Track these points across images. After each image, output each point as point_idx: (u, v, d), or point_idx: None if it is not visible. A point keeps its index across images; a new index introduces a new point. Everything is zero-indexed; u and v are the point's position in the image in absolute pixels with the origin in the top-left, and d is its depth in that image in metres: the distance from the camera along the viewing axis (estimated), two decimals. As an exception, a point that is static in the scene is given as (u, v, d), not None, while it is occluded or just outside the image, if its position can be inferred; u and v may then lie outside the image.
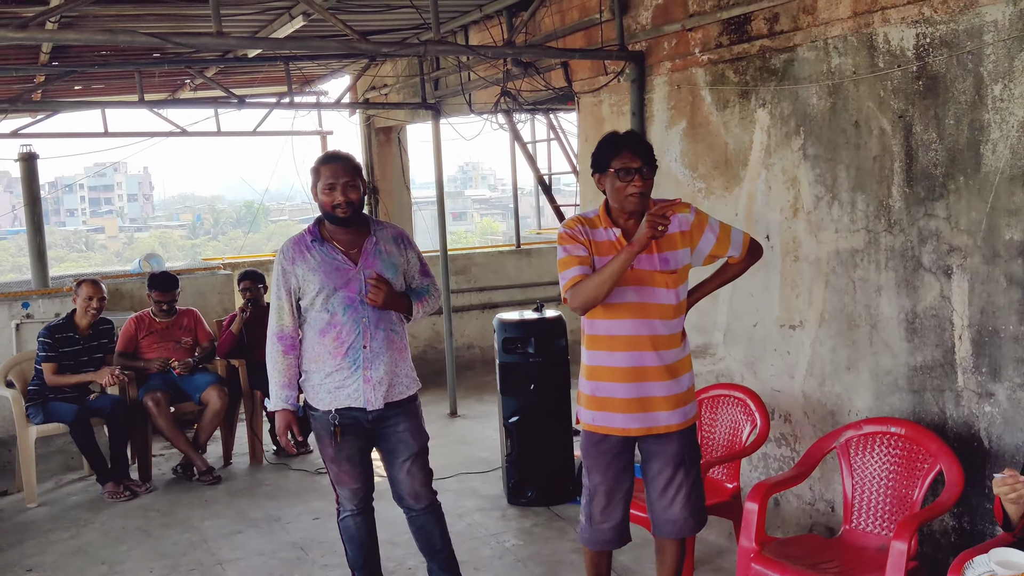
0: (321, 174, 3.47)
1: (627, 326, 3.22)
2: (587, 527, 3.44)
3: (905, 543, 2.98)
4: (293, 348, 3.59)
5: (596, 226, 3.29)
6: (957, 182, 3.51)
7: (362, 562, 3.78)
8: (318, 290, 3.49)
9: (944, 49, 3.51)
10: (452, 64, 6.85)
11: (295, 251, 3.53)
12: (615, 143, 3.23)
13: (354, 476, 3.67)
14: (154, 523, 5.26)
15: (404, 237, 3.71)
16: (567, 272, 3.23)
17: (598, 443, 3.34)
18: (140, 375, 6.12)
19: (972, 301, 3.49)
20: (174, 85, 8.09)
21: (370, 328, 3.51)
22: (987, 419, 3.49)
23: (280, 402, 3.59)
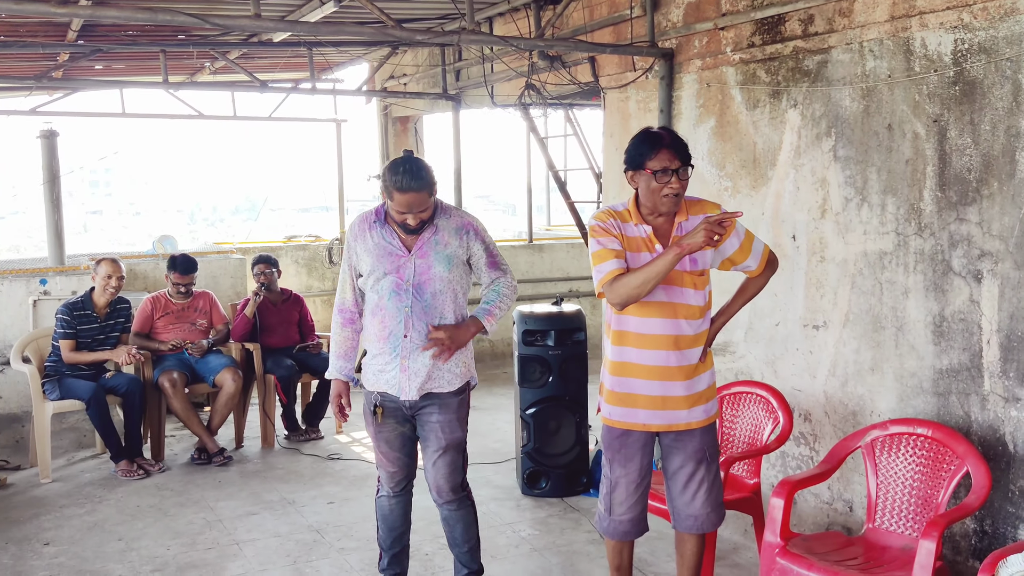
0: (394, 198, 3.34)
1: (655, 325, 3.25)
2: (606, 517, 3.48)
3: (934, 542, 3.01)
4: (352, 322, 3.66)
5: (627, 220, 3.30)
6: (991, 187, 3.54)
7: (389, 544, 3.80)
8: (369, 271, 3.53)
9: (983, 55, 3.54)
10: (475, 55, 6.87)
11: (359, 229, 3.56)
12: (653, 141, 3.19)
13: (391, 460, 3.68)
14: (169, 502, 5.28)
15: (471, 228, 3.57)
16: (603, 265, 3.23)
17: (620, 437, 3.38)
18: (156, 355, 6.14)
19: (1002, 306, 3.52)
20: (193, 68, 8.09)
21: (412, 319, 3.48)
22: (1013, 423, 3.52)
23: (334, 371, 3.70)
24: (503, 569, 4.26)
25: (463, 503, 3.69)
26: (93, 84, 7.10)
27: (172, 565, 4.37)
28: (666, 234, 3.27)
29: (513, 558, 4.42)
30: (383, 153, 8.81)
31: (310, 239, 10.41)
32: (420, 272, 3.48)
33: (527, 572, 4.27)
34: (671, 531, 3.56)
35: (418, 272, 3.48)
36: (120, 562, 4.41)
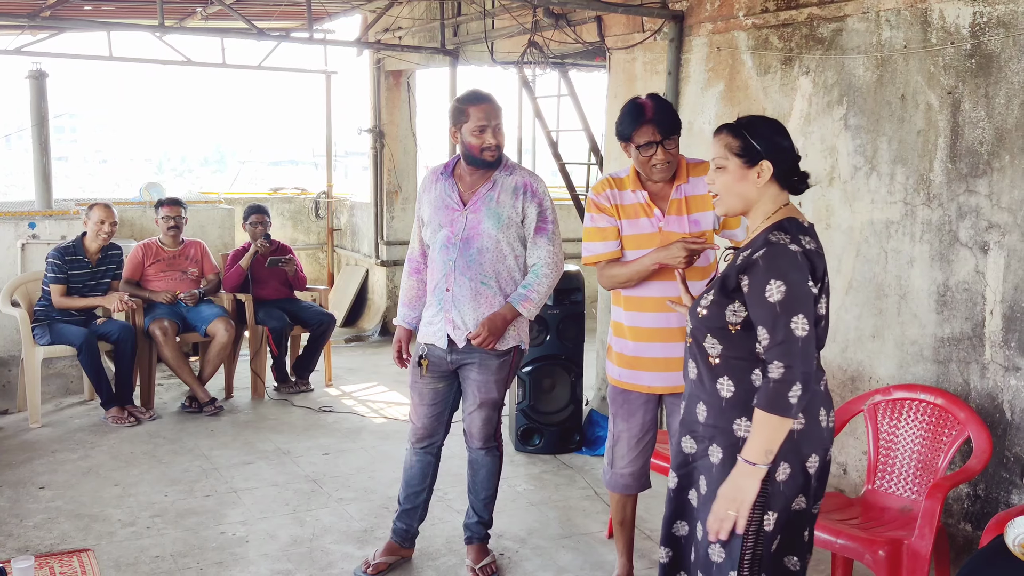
0: (470, 115, 3.41)
1: (657, 287, 3.29)
2: (608, 471, 3.59)
3: (938, 503, 3.10)
4: (417, 271, 3.73)
5: (625, 187, 3.36)
6: (1002, 160, 3.59)
7: (404, 497, 3.84)
8: (428, 223, 3.61)
9: (1001, 29, 3.57)
10: (475, 11, 6.80)
11: (429, 180, 3.65)
12: (636, 115, 3.22)
13: (419, 414, 3.72)
14: (162, 449, 5.27)
15: (529, 188, 3.53)
16: (592, 246, 3.38)
17: (623, 394, 3.46)
18: (147, 303, 6.09)
19: (1007, 277, 3.60)
20: (183, 12, 7.93)
21: (454, 274, 3.52)
22: (1012, 392, 3.61)
23: (399, 318, 3.79)
24: (502, 522, 4.32)
25: (492, 452, 3.77)
26: (82, 24, 6.94)
27: (171, 511, 4.38)
28: (664, 197, 3.32)
29: (511, 511, 4.48)
30: (374, 107, 8.72)
31: (296, 191, 10.32)
32: (470, 227, 3.51)
33: (525, 525, 4.33)
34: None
35: (468, 227, 3.51)
36: (118, 507, 4.41)
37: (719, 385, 2.51)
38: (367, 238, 9.21)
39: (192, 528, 4.19)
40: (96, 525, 4.20)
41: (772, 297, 2.35)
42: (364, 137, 8.96)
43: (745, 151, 2.48)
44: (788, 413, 2.33)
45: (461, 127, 3.45)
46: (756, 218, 2.53)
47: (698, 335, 2.54)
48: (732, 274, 2.45)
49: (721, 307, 2.47)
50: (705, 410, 2.55)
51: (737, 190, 2.51)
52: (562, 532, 4.26)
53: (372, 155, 8.86)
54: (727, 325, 2.47)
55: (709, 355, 2.52)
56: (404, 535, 3.85)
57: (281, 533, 4.16)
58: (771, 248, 2.38)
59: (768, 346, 2.36)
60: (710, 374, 2.52)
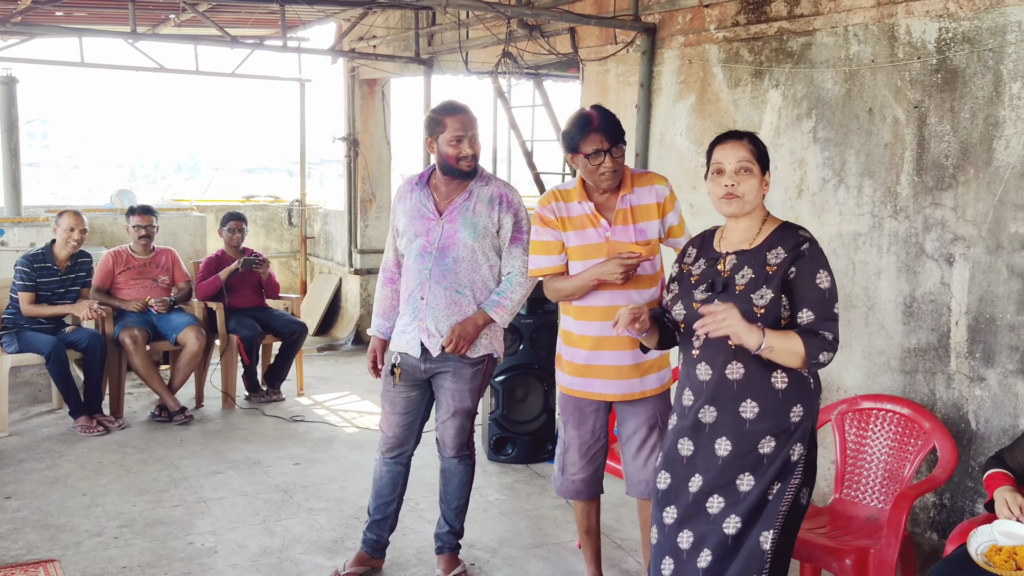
0: (447, 125, 3.43)
1: (605, 297, 3.33)
2: (559, 477, 3.61)
3: (904, 512, 3.13)
4: (392, 281, 3.74)
5: (571, 199, 3.38)
6: (967, 174, 3.65)
7: (374, 508, 3.82)
8: (403, 232, 3.62)
9: (966, 45, 3.63)
10: (450, 20, 6.82)
11: (404, 190, 3.67)
12: (583, 125, 3.25)
13: (390, 423, 3.72)
14: (131, 459, 5.22)
15: (505, 198, 3.58)
16: (536, 259, 3.45)
17: (576, 402, 3.49)
18: (117, 311, 6.04)
19: (972, 289, 3.65)
20: (156, 19, 7.89)
21: (429, 282, 3.53)
22: (976, 402, 3.66)
23: (373, 328, 3.81)
24: (474, 532, 4.31)
25: (464, 461, 3.77)
26: (53, 30, 6.88)
27: (139, 521, 4.34)
28: (611, 207, 3.35)
29: (483, 521, 4.48)
30: (348, 115, 8.71)
31: (269, 199, 10.28)
32: (446, 236, 3.53)
33: (496, 535, 4.33)
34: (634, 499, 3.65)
35: (444, 236, 3.52)
36: (85, 517, 4.36)
37: (773, 378, 2.65)
38: (341, 246, 9.19)
39: (160, 538, 4.15)
40: (63, 535, 4.15)
41: (823, 284, 2.63)
42: (339, 145, 8.95)
43: (761, 160, 2.72)
44: (808, 360, 2.56)
45: (437, 137, 3.46)
46: (756, 221, 2.75)
47: None
48: (784, 267, 2.64)
49: (777, 303, 2.63)
50: (756, 407, 2.66)
51: (754, 196, 2.71)
52: (533, 542, 4.26)
53: (346, 163, 8.85)
54: (779, 319, 2.64)
55: None
56: (374, 545, 3.84)
57: (250, 543, 4.14)
58: (812, 243, 2.68)
59: (814, 320, 2.60)
60: (762, 370, 2.65)
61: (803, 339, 2.57)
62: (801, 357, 2.57)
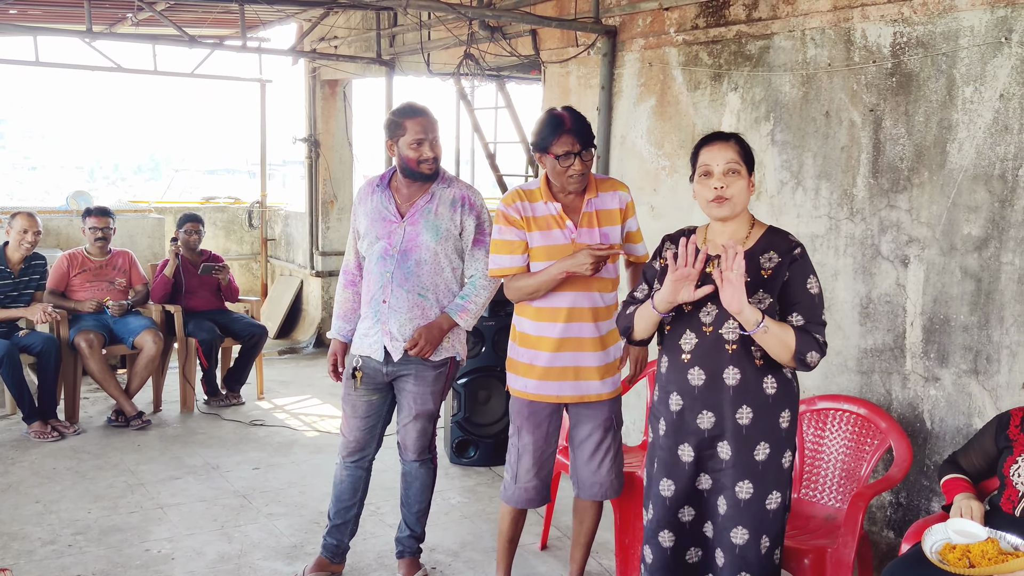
0: (407, 128, 3.41)
1: (569, 298, 3.32)
2: (512, 486, 3.51)
3: (860, 512, 3.16)
4: (353, 283, 3.69)
5: (536, 199, 3.35)
6: (921, 176, 3.70)
7: (334, 513, 3.78)
8: (364, 235, 3.58)
9: (920, 49, 3.68)
10: (412, 21, 6.79)
11: (364, 192, 3.63)
12: (555, 126, 3.23)
13: (351, 426, 3.67)
14: (86, 465, 5.13)
15: (467, 200, 3.57)
16: (499, 258, 3.37)
17: (533, 406, 3.43)
18: (72, 315, 5.93)
19: (927, 290, 3.70)
20: (113, 18, 7.77)
21: (392, 285, 3.50)
22: (931, 402, 3.71)
23: (333, 331, 3.75)
24: (434, 535, 4.29)
25: (426, 464, 3.74)
26: (7, 29, 6.74)
27: (94, 528, 4.27)
28: (576, 210, 3.34)
29: (444, 524, 4.46)
30: (310, 116, 8.64)
31: (229, 201, 10.17)
32: (408, 239, 3.50)
33: (458, 538, 4.31)
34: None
35: (406, 239, 3.49)
36: (39, 524, 4.28)
37: (765, 384, 2.71)
38: (302, 248, 9.11)
39: (115, 546, 4.08)
40: (15, 544, 4.06)
41: (813, 289, 2.70)
42: (300, 146, 8.88)
43: (747, 161, 2.74)
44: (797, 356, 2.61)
45: (398, 140, 3.44)
46: (744, 225, 2.77)
47: (748, 339, 2.66)
48: (780, 273, 2.69)
49: (774, 309, 2.67)
50: (751, 412, 2.70)
51: (741, 198, 2.72)
52: (495, 545, 4.24)
53: (307, 164, 8.78)
54: None
55: (755, 357, 2.70)
56: (335, 550, 3.80)
57: (208, 550, 4.08)
58: (803, 249, 2.74)
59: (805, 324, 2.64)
60: (756, 375, 2.70)
61: (797, 333, 2.62)
62: (791, 350, 2.61)
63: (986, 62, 3.47)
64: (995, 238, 3.48)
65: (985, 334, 3.52)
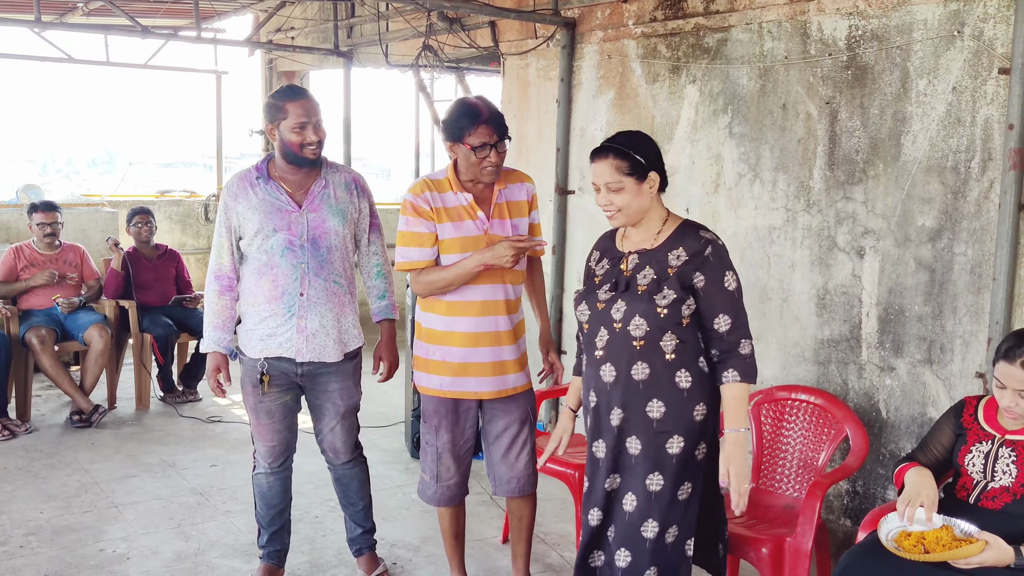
0: (289, 112, 3.24)
1: (483, 291, 3.26)
2: (432, 485, 3.44)
3: (818, 501, 3.19)
4: (230, 289, 3.45)
5: (445, 190, 3.27)
6: (876, 169, 3.74)
7: (269, 520, 3.66)
8: (256, 230, 3.34)
9: (874, 42, 3.72)
10: (369, 12, 6.73)
11: (239, 187, 3.37)
12: (472, 116, 3.15)
13: (271, 432, 3.53)
14: (38, 464, 5.03)
15: (359, 183, 3.50)
16: (407, 251, 3.25)
17: (449, 404, 3.35)
18: (23, 312, 5.81)
19: (882, 281, 3.74)
20: (63, 8, 7.62)
21: (308, 275, 3.37)
22: (887, 391, 3.76)
23: (212, 344, 3.45)
24: (395, 530, 4.27)
25: (358, 461, 3.68)
26: (-48, 18, 6.58)
27: (47, 528, 4.18)
28: (487, 200, 3.28)
29: (405, 519, 4.43)
30: (267, 108, 8.54)
31: (184, 194, 10.03)
32: (314, 227, 3.37)
33: (419, 533, 4.29)
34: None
35: (312, 227, 3.37)
36: (-11, 526, 4.19)
37: (677, 378, 2.70)
38: (260, 242, 8.99)
39: (69, 546, 4.00)
40: (-37, 546, 3.98)
41: (730, 286, 2.70)
42: (256, 139, 8.77)
43: (635, 169, 2.67)
44: (752, 380, 2.71)
45: (279, 124, 3.27)
46: (654, 222, 2.76)
47: (656, 335, 2.66)
48: (688, 272, 2.67)
49: (679, 304, 2.65)
50: (663, 406, 2.70)
51: (636, 205, 2.71)
52: (456, 539, 4.23)
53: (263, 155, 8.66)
54: (682, 320, 2.67)
55: (665, 352, 2.69)
56: (280, 555, 3.72)
57: (164, 548, 4.02)
58: (714, 245, 2.69)
59: (732, 328, 2.69)
60: (667, 369, 2.69)
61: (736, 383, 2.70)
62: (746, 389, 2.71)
63: (939, 55, 3.51)
64: (948, 229, 3.52)
65: (939, 324, 3.57)
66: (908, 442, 3.69)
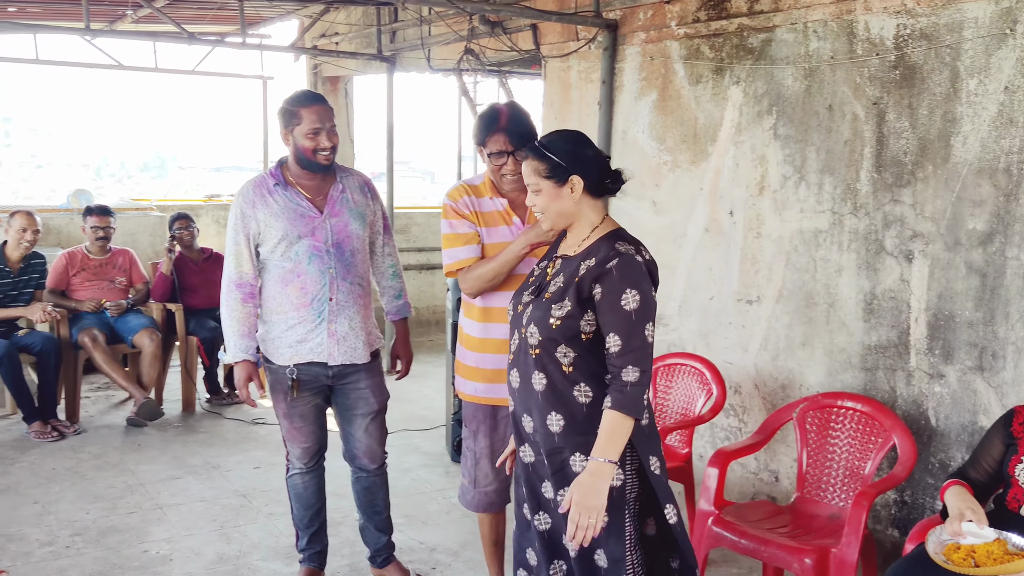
0: (303, 118, 3.26)
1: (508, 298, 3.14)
2: (471, 490, 3.40)
3: (864, 511, 3.12)
4: (252, 296, 3.43)
5: (482, 194, 3.24)
6: (925, 171, 3.64)
7: (307, 522, 3.68)
8: (280, 238, 3.34)
9: (923, 41, 3.63)
10: (412, 17, 6.75)
11: (256, 194, 3.35)
12: (489, 122, 3.12)
13: (306, 434, 3.56)
14: (86, 465, 5.11)
15: (370, 186, 3.56)
16: (454, 251, 3.22)
17: (487, 410, 3.31)
18: (73, 314, 5.91)
19: (931, 286, 3.65)
20: (113, 16, 7.74)
21: (337, 280, 3.39)
22: (936, 399, 3.66)
23: (240, 353, 3.40)
24: (435, 535, 4.26)
25: (384, 467, 3.70)
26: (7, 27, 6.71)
27: (92, 529, 4.24)
28: (522, 205, 3.20)
29: (445, 524, 4.42)
30: (311, 113, 8.60)
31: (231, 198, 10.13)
32: (337, 232, 3.39)
33: (459, 538, 4.27)
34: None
35: (335, 232, 3.38)
36: (37, 526, 4.26)
37: (576, 392, 2.49)
38: (305, 246, 9.05)
39: (113, 547, 4.06)
40: (12, 545, 4.04)
41: (628, 306, 2.40)
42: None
43: (552, 171, 2.52)
44: (641, 414, 2.41)
45: (293, 130, 3.29)
46: (583, 228, 2.58)
47: (549, 345, 2.49)
48: (585, 284, 2.46)
49: (576, 318, 2.46)
50: (562, 420, 2.51)
51: (556, 208, 2.56)
52: (495, 544, 4.21)
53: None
54: (580, 334, 2.48)
55: (562, 364, 2.50)
56: (320, 557, 3.74)
57: (207, 550, 4.05)
58: (622, 258, 2.44)
59: (620, 352, 2.40)
60: (565, 382, 2.50)
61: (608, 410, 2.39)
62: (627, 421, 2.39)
63: (990, 54, 3.42)
64: (1000, 232, 3.42)
65: (990, 330, 3.47)
66: (958, 451, 3.60)
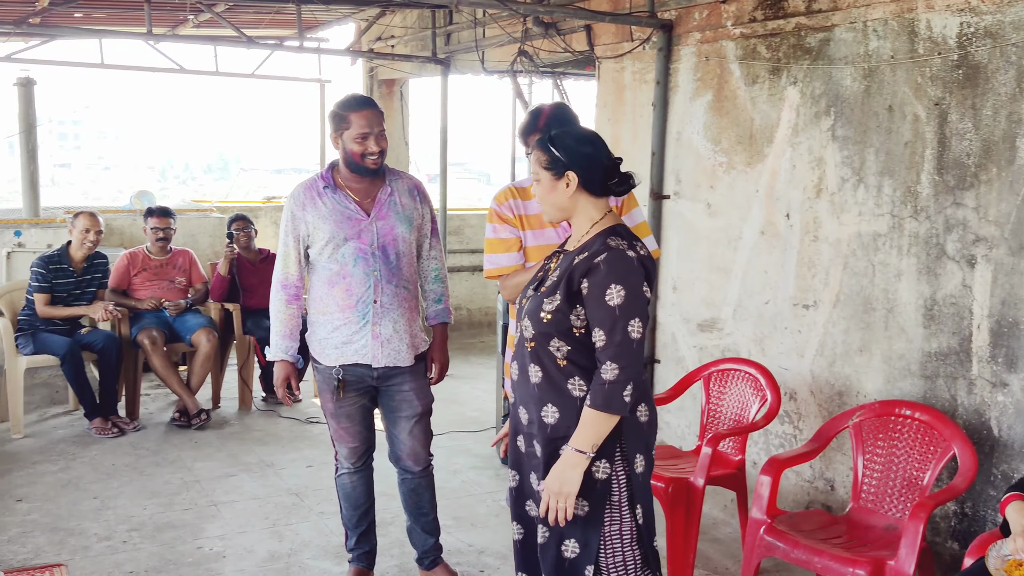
0: (352, 122, 3.29)
1: None
2: None
3: (921, 523, 3.03)
4: (297, 298, 3.50)
5: (529, 197, 3.23)
6: (989, 173, 3.54)
7: (355, 522, 3.70)
8: (327, 240, 3.37)
9: (988, 40, 3.52)
10: (466, 19, 6.77)
11: (306, 197, 3.40)
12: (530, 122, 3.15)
13: (353, 434, 3.59)
14: (144, 461, 5.21)
15: (420, 189, 3.56)
16: (496, 258, 3.25)
17: None
18: (133, 313, 6.04)
19: (994, 292, 3.54)
20: (175, 21, 7.90)
21: (382, 283, 3.41)
22: (999, 408, 3.54)
23: (280, 352, 3.49)
24: (483, 537, 4.26)
25: (431, 469, 3.70)
26: (72, 32, 6.90)
27: (149, 525, 4.32)
28: None
29: (494, 527, 4.42)
30: (367, 116, 8.68)
31: (288, 200, 10.27)
32: (383, 235, 3.41)
33: (507, 540, 4.23)
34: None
35: (381, 235, 3.40)
36: (95, 520, 4.35)
37: (571, 385, 2.53)
38: (360, 247, 9.13)
39: (169, 543, 4.13)
40: (71, 539, 4.14)
41: (612, 301, 2.43)
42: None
43: (552, 164, 2.57)
44: (623, 411, 2.44)
45: (342, 134, 3.32)
46: (582, 223, 2.60)
47: (542, 339, 2.55)
48: (575, 278, 2.50)
49: (566, 312, 2.50)
50: (557, 412, 2.55)
51: (551, 200, 2.61)
52: (544, 548, 4.19)
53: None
54: (572, 328, 2.51)
55: (556, 357, 2.55)
56: (368, 557, 3.76)
57: (259, 548, 4.10)
58: (611, 253, 2.46)
59: (603, 347, 2.45)
60: (560, 375, 2.54)
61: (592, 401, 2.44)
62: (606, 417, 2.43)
63: (1059, 52, 3.30)
64: (1068, 237, 3.30)
65: (1057, 338, 3.35)
66: (1022, 463, 3.48)
